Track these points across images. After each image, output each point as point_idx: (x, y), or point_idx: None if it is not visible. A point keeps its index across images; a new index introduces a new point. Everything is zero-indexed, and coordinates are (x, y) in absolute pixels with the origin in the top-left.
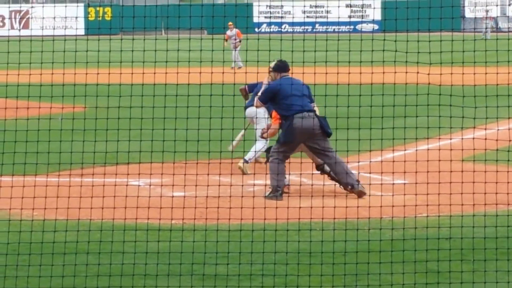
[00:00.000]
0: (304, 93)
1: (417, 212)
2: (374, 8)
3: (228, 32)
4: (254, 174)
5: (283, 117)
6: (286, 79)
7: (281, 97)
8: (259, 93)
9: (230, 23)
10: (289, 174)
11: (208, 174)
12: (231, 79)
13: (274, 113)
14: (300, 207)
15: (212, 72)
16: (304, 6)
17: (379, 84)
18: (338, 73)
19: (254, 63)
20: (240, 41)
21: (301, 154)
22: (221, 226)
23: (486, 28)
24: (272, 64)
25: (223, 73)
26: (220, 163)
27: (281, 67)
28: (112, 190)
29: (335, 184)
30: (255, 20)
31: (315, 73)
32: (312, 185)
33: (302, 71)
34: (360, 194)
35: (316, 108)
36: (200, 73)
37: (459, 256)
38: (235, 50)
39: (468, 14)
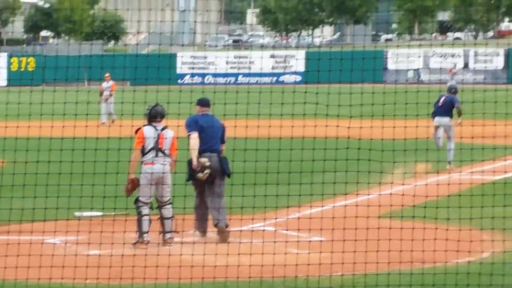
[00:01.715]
0: (216, 133)
1: (333, 271)
2: (297, 59)
3: (104, 84)
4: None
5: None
6: (205, 116)
7: (201, 132)
8: (186, 129)
9: (106, 74)
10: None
11: (124, 232)
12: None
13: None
14: (215, 266)
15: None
16: (228, 57)
17: (299, 138)
18: (258, 126)
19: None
20: (111, 95)
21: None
22: (136, 286)
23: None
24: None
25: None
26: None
27: (203, 101)
28: (27, 249)
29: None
30: (178, 71)
31: (235, 126)
32: (229, 242)
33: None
34: (222, 232)
35: (223, 148)
36: (121, 126)
37: None
38: (108, 103)
39: (391, 65)
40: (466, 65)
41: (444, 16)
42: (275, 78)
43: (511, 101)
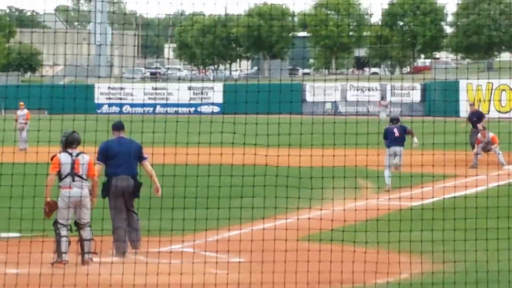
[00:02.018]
0: (130, 156)
1: None
2: (214, 91)
3: (18, 112)
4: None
5: (106, 175)
6: (120, 139)
7: (110, 156)
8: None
9: (21, 103)
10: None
11: (42, 252)
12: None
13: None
14: (134, 285)
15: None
16: (145, 89)
17: (217, 165)
18: (176, 154)
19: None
20: (26, 123)
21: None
22: None
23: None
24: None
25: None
26: (54, 241)
27: (116, 125)
28: None
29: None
30: (96, 101)
31: (152, 153)
32: (146, 263)
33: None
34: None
35: (147, 164)
36: (37, 152)
37: None
38: (22, 131)
39: (309, 98)
40: (382, 98)
41: (361, 52)
42: (193, 109)
43: (427, 132)
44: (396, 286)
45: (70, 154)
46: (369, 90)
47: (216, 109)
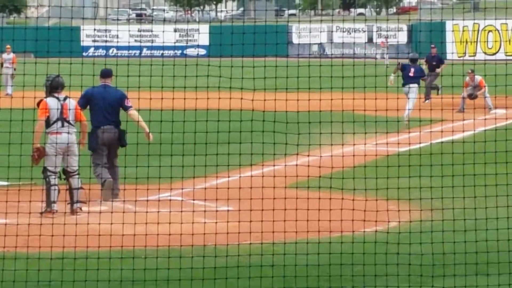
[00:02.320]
0: (112, 105)
1: (240, 240)
2: (200, 33)
3: (4, 56)
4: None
5: (91, 124)
6: (104, 87)
7: (93, 105)
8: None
9: (8, 46)
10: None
11: (30, 201)
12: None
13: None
14: (123, 235)
15: (35, 97)
16: (129, 31)
17: (203, 110)
18: (162, 98)
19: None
20: (14, 68)
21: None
22: (43, 255)
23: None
24: None
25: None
26: (42, 189)
27: (102, 72)
28: None
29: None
30: (82, 44)
31: (139, 98)
32: (135, 212)
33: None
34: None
35: (132, 113)
36: (23, 97)
37: (281, 283)
38: (8, 75)
39: (296, 40)
40: (370, 40)
41: None
42: (179, 52)
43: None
44: (384, 235)
45: (57, 98)
46: (355, 31)
47: (202, 51)
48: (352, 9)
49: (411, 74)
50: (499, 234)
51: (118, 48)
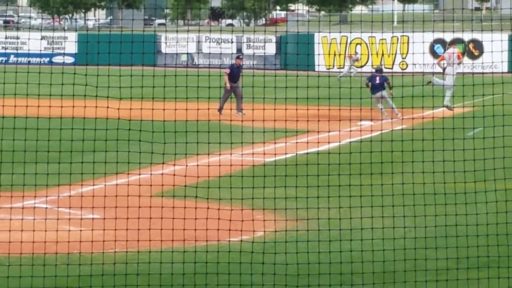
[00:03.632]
0: None
1: (105, 248)
2: (67, 41)
3: None
4: None
5: None
6: None
7: None
8: None
9: None
10: None
11: None
12: None
13: None
14: None
15: None
16: None
17: (69, 118)
18: (27, 106)
19: None
20: None
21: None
22: None
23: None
24: None
25: None
26: None
27: None
28: None
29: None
30: None
31: (3, 105)
32: None
33: None
34: None
35: None
36: None
37: None
38: None
39: (165, 49)
40: (239, 51)
41: (216, 2)
42: (46, 59)
43: (279, 87)
44: (250, 244)
45: None
46: (224, 42)
47: (70, 59)
48: (221, 20)
49: (377, 81)
50: (364, 245)
51: None
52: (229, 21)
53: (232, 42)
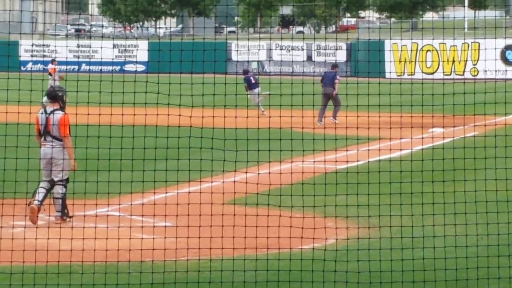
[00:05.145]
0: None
1: (178, 256)
2: (138, 49)
3: None
4: (13, 215)
5: None
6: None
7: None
8: None
9: None
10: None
11: None
12: None
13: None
14: (59, 250)
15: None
16: (68, 46)
17: (141, 126)
18: (100, 114)
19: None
20: None
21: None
22: None
23: None
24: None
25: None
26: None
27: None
28: None
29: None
30: (20, 58)
31: (76, 114)
32: (72, 227)
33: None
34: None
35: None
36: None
37: None
38: None
39: (235, 57)
40: (309, 58)
41: (286, 10)
42: (118, 67)
43: (351, 94)
44: (322, 252)
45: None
46: (293, 49)
47: (141, 67)
48: (291, 27)
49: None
50: (436, 252)
51: (57, 63)
52: (299, 28)
53: (302, 49)
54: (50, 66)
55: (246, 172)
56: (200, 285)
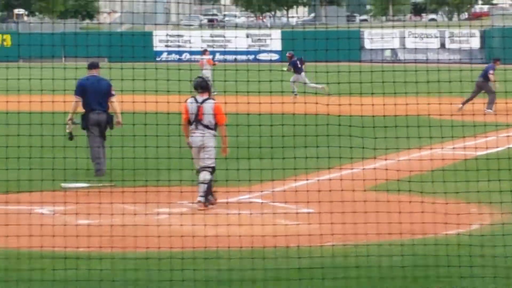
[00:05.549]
0: (99, 93)
1: (323, 241)
2: (272, 38)
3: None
4: (158, 203)
5: (84, 108)
6: (91, 77)
7: (87, 93)
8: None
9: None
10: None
11: (112, 203)
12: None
13: None
14: (205, 236)
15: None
16: (202, 36)
17: (279, 114)
18: (237, 103)
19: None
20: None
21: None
22: (128, 255)
23: None
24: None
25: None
26: (122, 191)
27: (89, 65)
28: (16, 218)
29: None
30: (155, 49)
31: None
32: (216, 214)
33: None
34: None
35: (115, 100)
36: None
37: (367, 284)
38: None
39: (368, 45)
40: (442, 45)
41: None
42: (252, 56)
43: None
44: (466, 237)
45: (196, 100)
46: (427, 37)
47: (275, 56)
48: (423, 15)
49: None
50: None
51: (191, 53)
52: (431, 16)
53: (436, 37)
54: (204, 57)
55: (385, 159)
56: (346, 269)
